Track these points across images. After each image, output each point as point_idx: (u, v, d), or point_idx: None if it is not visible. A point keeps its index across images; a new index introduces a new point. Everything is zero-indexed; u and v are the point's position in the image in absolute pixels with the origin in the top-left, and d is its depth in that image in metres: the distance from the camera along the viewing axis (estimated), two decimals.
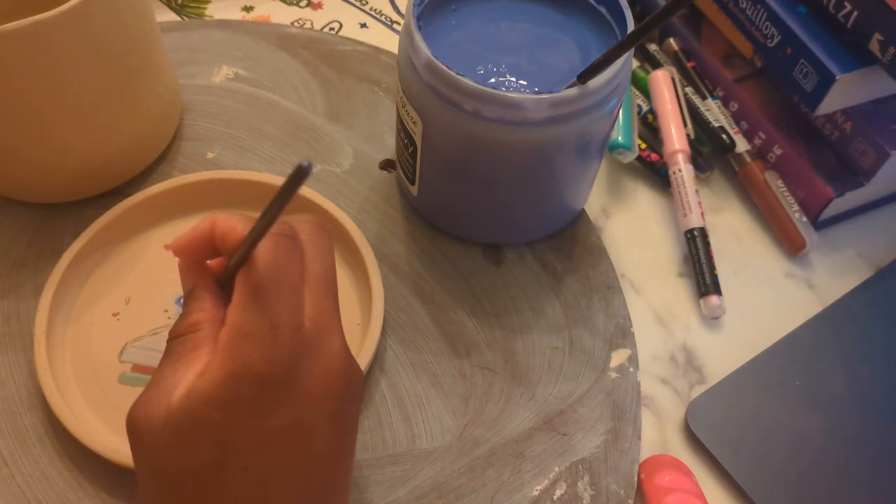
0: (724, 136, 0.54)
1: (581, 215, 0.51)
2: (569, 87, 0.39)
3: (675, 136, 0.53)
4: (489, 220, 0.47)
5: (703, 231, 0.50)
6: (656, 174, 0.54)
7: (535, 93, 0.39)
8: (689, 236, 0.50)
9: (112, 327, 0.44)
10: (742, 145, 0.54)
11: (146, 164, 0.49)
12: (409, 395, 0.44)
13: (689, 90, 0.56)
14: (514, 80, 0.41)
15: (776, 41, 0.50)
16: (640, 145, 0.54)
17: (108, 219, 0.45)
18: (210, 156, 0.51)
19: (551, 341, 0.46)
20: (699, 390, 0.46)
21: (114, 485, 0.40)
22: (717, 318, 0.49)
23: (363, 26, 0.61)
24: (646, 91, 0.57)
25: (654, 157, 0.54)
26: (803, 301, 0.50)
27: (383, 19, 0.62)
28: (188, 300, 0.32)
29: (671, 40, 0.58)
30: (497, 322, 0.46)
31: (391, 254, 0.48)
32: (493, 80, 0.41)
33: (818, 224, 0.52)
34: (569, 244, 0.50)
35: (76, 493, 0.39)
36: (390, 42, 0.60)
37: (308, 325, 0.29)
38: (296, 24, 0.61)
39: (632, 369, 0.45)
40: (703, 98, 0.56)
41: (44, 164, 0.45)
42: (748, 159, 0.53)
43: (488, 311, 0.47)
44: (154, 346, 0.43)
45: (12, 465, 0.40)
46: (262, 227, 0.28)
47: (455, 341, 0.45)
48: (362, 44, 0.58)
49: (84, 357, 0.43)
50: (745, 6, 0.52)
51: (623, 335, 0.46)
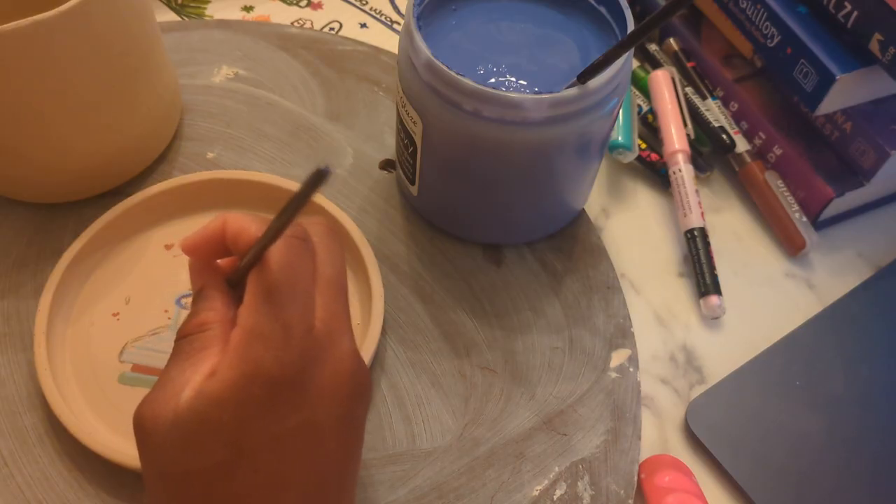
0: (724, 136, 0.54)
1: (581, 215, 0.51)
2: (569, 87, 0.39)
3: (675, 136, 0.53)
4: (489, 220, 0.47)
5: (703, 231, 0.50)
6: (656, 174, 0.54)
7: (535, 93, 0.39)
8: (689, 236, 0.50)
9: (112, 327, 0.44)
10: (742, 145, 0.54)
11: (146, 164, 0.49)
12: (409, 395, 0.44)
13: (689, 90, 0.56)
14: (514, 80, 0.41)
15: (776, 41, 0.50)
16: (640, 145, 0.54)
17: (108, 219, 0.45)
18: (210, 156, 0.51)
19: (551, 341, 0.46)
20: (699, 390, 0.46)
21: (114, 485, 0.40)
22: (717, 318, 0.49)
23: (363, 26, 0.61)
24: (646, 91, 0.57)
25: (654, 157, 0.54)
26: (803, 301, 0.50)
27: (383, 19, 0.62)
28: (197, 299, 0.32)
29: (671, 40, 0.58)
30: (497, 322, 0.46)
31: (391, 254, 0.48)
32: (493, 80, 0.41)
33: (818, 224, 0.52)
34: (569, 244, 0.50)
35: (76, 493, 0.39)
36: (390, 42, 0.60)
37: (319, 326, 0.30)
38: (296, 24, 0.61)
39: (632, 369, 0.45)
40: (703, 98, 0.56)
41: (44, 164, 0.45)
42: (748, 159, 0.53)
43: (488, 311, 0.47)
44: (154, 346, 0.43)
45: (12, 465, 0.40)
46: (276, 229, 0.28)
47: (455, 341, 0.45)
48: (362, 44, 0.58)
49: (84, 357, 0.43)
50: (745, 6, 0.52)
51: (623, 335, 0.46)
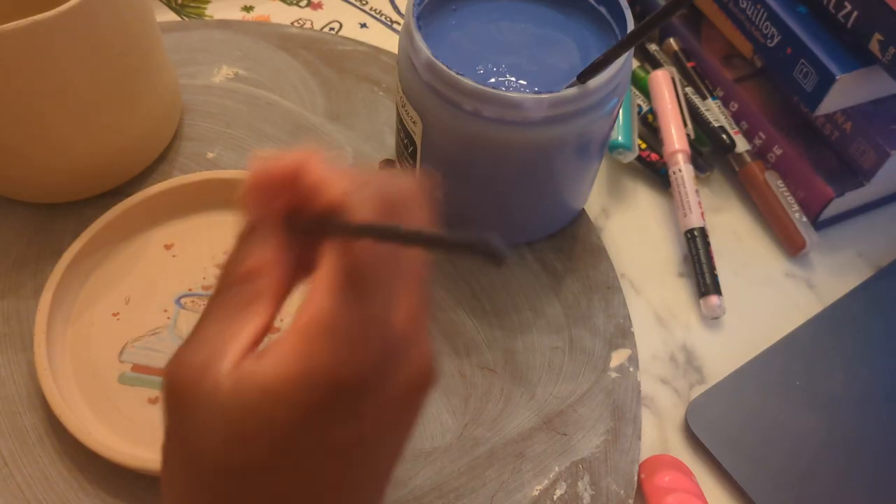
0: (724, 136, 0.54)
1: (581, 215, 0.51)
2: (569, 87, 0.39)
3: (675, 136, 0.53)
4: (489, 220, 0.47)
5: (703, 231, 0.50)
6: (656, 174, 0.54)
7: (535, 93, 0.39)
8: (689, 236, 0.50)
9: (112, 327, 0.44)
10: (742, 145, 0.54)
11: (146, 164, 0.49)
12: None
13: (689, 90, 0.56)
14: (514, 80, 0.41)
15: (776, 41, 0.50)
16: (640, 145, 0.54)
17: (108, 219, 0.45)
18: (210, 156, 0.51)
19: (551, 341, 0.46)
20: (699, 390, 0.46)
21: (114, 485, 0.40)
22: (717, 318, 0.49)
23: (363, 26, 0.61)
24: (646, 91, 0.57)
25: (654, 157, 0.54)
26: (803, 301, 0.50)
27: (383, 19, 0.62)
28: (247, 239, 0.26)
29: (671, 40, 0.58)
30: (497, 322, 0.46)
31: None
32: (493, 80, 0.41)
33: (818, 224, 0.52)
34: (569, 244, 0.49)
35: (76, 493, 0.39)
36: (390, 42, 0.60)
37: (399, 325, 0.25)
38: (296, 24, 0.61)
39: (632, 369, 0.45)
40: (703, 98, 0.56)
41: (44, 164, 0.45)
42: (748, 159, 0.53)
43: (488, 311, 0.47)
44: (154, 345, 0.43)
45: (12, 465, 0.40)
46: (390, 235, 0.24)
47: (455, 341, 0.45)
48: (362, 44, 0.58)
49: (84, 357, 0.43)
50: (745, 6, 0.52)
51: (623, 335, 0.46)
